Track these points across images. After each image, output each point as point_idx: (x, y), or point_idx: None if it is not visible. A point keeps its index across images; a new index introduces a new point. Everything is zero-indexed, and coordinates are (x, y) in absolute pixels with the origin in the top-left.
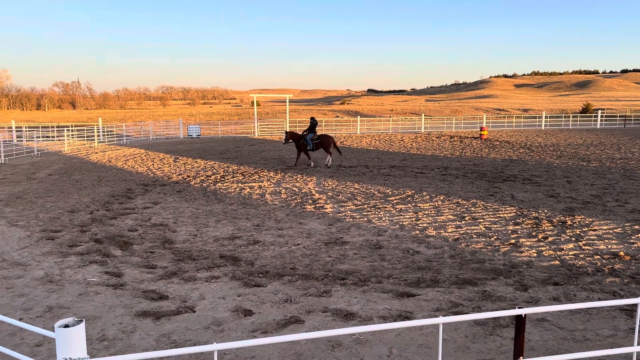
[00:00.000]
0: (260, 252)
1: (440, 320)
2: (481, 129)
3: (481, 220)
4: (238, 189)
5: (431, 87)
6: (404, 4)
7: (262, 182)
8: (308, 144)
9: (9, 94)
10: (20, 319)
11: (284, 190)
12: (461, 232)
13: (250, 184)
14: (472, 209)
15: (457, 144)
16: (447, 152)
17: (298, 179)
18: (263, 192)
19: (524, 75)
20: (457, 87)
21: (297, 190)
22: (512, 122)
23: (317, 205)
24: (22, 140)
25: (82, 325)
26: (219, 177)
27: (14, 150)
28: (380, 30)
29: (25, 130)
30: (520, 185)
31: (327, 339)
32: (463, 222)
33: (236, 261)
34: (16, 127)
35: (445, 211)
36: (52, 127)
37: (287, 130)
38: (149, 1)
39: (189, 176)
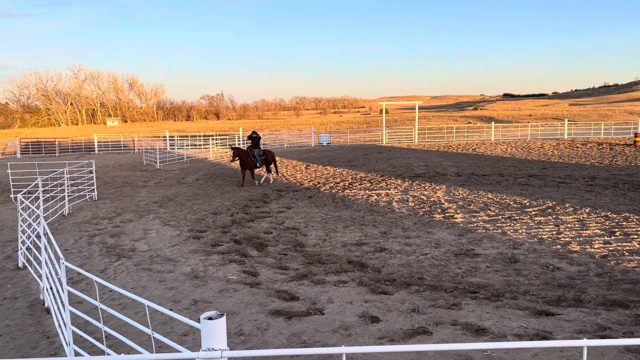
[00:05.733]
0: (387, 260)
1: (585, 342)
2: (636, 135)
3: (635, 237)
4: (365, 196)
5: (576, 90)
6: (547, 1)
7: (389, 189)
8: (257, 161)
9: (164, 107)
10: (170, 310)
11: (411, 198)
12: (610, 248)
13: (377, 191)
14: (624, 223)
15: (606, 152)
16: (595, 161)
17: (426, 187)
18: (390, 200)
19: None
20: (607, 90)
21: (425, 199)
22: None
23: (447, 214)
24: (174, 148)
25: (224, 319)
26: (347, 184)
27: (167, 157)
28: (517, 30)
29: (177, 139)
30: None
31: (457, 353)
32: (612, 237)
33: (363, 267)
34: (169, 137)
35: (591, 225)
36: (199, 136)
37: (234, 146)
38: (287, 19)
39: (319, 182)
